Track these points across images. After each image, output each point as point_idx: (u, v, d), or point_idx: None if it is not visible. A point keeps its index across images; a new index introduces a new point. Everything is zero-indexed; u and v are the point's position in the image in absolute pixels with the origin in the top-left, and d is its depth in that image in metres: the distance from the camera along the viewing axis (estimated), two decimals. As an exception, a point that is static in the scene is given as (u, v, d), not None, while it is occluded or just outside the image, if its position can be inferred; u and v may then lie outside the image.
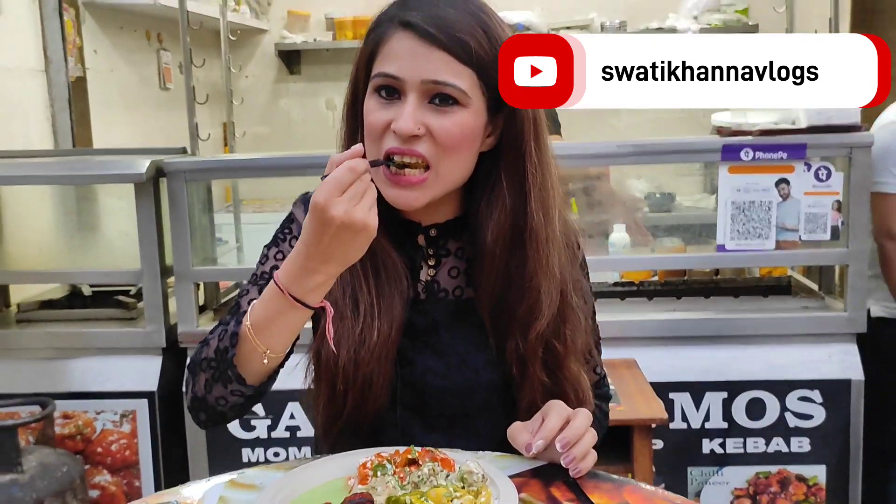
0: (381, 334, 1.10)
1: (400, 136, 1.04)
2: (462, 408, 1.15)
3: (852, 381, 2.42)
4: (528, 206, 1.10)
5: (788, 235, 2.44)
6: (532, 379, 1.12)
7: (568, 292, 1.14)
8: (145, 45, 3.98)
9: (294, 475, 1.04)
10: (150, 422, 2.55)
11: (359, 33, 4.62)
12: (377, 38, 1.09)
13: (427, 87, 1.04)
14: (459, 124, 1.05)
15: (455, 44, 1.04)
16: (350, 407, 1.12)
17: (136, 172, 2.46)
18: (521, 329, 1.11)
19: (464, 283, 1.17)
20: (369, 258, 1.08)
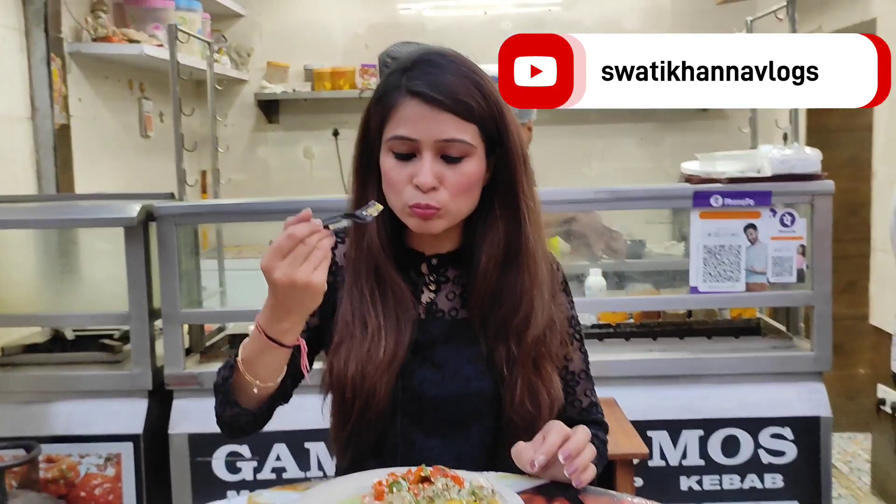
0: (387, 352, 1.25)
1: (421, 188, 1.20)
2: (456, 414, 1.28)
3: (821, 417, 2.52)
4: (521, 230, 1.26)
5: (757, 278, 2.55)
6: (522, 378, 1.26)
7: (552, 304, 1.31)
8: (127, 93, 4.06)
9: (310, 495, 1.09)
10: (135, 465, 2.57)
11: (336, 84, 4.75)
12: (387, 105, 1.23)
13: (439, 146, 1.21)
14: (468, 174, 1.22)
15: (459, 106, 1.20)
16: (356, 413, 1.26)
17: (127, 216, 2.52)
18: (517, 335, 1.26)
19: (459, 304, 1.32)
20: (378, 285, 1.27)
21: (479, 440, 1.29)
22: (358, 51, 4.84)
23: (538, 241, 1.28)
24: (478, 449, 1.28)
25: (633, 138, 4.85)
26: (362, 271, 1.29)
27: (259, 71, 4.93)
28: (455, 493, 1.03)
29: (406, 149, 1.21)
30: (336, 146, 4.91)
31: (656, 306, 2.78)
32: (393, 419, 1.27)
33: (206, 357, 2.72)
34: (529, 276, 1.27)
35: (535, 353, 1.27)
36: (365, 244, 1.29)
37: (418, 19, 4.86)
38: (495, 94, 1.23)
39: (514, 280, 1.27)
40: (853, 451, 4.27)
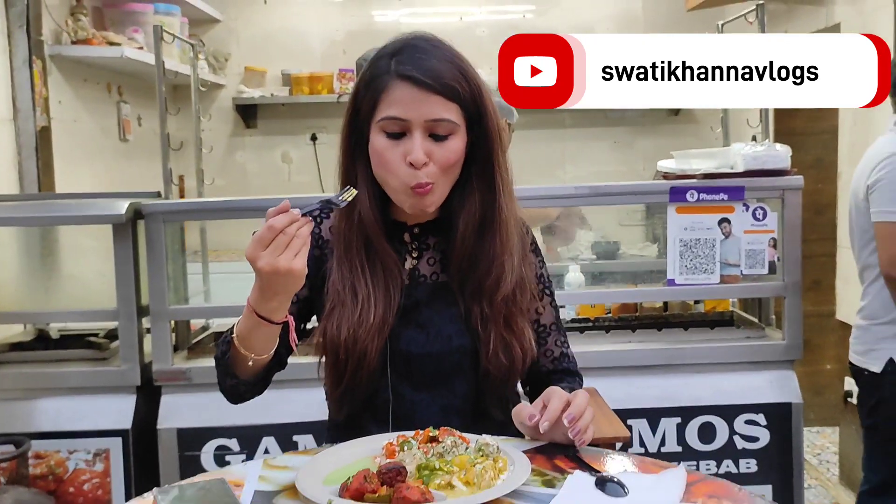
0: (377, 317, 1.36)
1: (415, 165, 1.30)
2: (440, 369, 1.39)
3: (792, 403, 2.62)
4: (496, 200, 1.37)
5: (731, 270, 2.64)
6: (495, 334, 1.37)
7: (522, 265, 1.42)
8: (106, 97, 4.08)
9: (324, 457, 1.15)
10: (123, 460, 2.59)
11: (314, 89, 4.79)
12: (378, 88, 1.32)
13: (428, 125, 1.31)
14: (454, 149, 1.33)
15: (445, 88, 1.30)
16: (349, 373, 1.36)
17: (115, 214, 2.55)
18: (489, 296, 1.38)
19: (439, 269, 1.43)
20: (367, 256, 1.38)
21: (462, 392, 1.39)
22: (335, 56, 4.90)
23: (510, 210, 1.39)
24: (461, 400, 1.39)
25: (607, 141, 4.95)
26: (353, 243, 1.38)
27: (236, 76, 4.96)
28: (463, 450, 1.09)
29: (397, 128, 1.30)
30: (314, 151, 4.96)
31: (635, 298, 2.87)
32: (383, 377, 1.37)
33: (193, 353, 2.75)
34: (501, 242, 1.38)
35: (505, 312, 1.38)
36: (356, 217, 1.38)
37: (395, 25, 4.93)
38: (476, 77, 1.34)
39: (489, 246, 1.37)
40: (822, 444, 4.39)
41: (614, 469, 1.12)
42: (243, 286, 3.39)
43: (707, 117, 4.50)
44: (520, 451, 1.14)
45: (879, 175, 2.42)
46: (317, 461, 1.13)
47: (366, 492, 1.00)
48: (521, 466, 1.08)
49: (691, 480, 1.09)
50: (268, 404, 1.51)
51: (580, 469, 1.12)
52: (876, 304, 2.54)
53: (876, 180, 2.43)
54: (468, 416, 1.38)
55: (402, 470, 1.03)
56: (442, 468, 1.05)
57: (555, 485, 1.08)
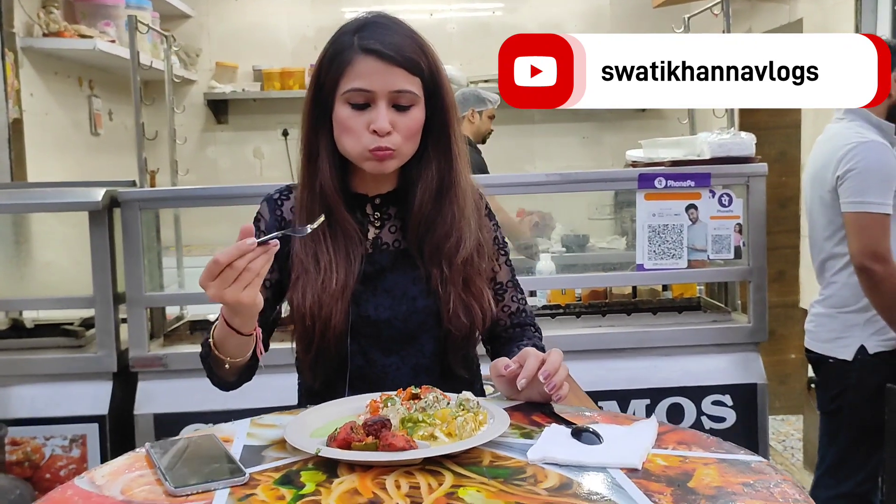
0: (338, 282, 1.42)
1: (379, 133, 1.37)
2: (407, 330, 1.46)
3: (758, 384, 2.70)
4: (452, 168, 1.45)
5: (698, 255, 2.71)
6: (455, 294, 1.44)
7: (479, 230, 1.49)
8: (77, 90, 4.07)
9: (309, 414, 1.19)
10: (100, 446, 2.60)
11: (286, 84, 4.82)
12: (342, 62, 1.38)
13: (392, 95, 1.37)
14: (416, 119, 1.40)
15: (408, 62, 1.37)
16: (317, 336, 1.42)
17: (91, 201, 2.56)
18: (448, 259, 1.45)
19: (400, 237, 1.50)
20: (329, 226, 1.43)
21: (430, 351, 1.45)
22: (306, 52, 4.92)
23: (466, 177, 1.47)
24: (430, 359, 1.45)
25: (575, 137, 5.03)
26: (315, 212, 1.42)
27: (207, 72, 4.97)
28: (444, 405, 1.14)
29: (362, 99, 1.37)
30: (286, 146, 4.98)
31: (606, 283, 2.93)
32: (354, 343, 1.43)
33: (169, 340, 2.77)
34: (458, 208, 1.45)
35: (464, 274, 1.45)
36: (317, 187, 1.43)
37: (365, 22, 4.97)
38: (434, 54, 1.42)
39: (446, 212, 1.45)
40: (786, 431, 4.49)
41: (589, 422, 1.17)
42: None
43: (673, 113, 4.59)
44: (499, 407, 1.19)
45: (849, 165, 2.40)
46: (303, 418, 1.17)
47: (353, 441, 1.05)
48: (501, 419, 1.12)
49: (662, 430, 1.14)
50: (244, 389, 1.54)
51: (556, 423, 1.17)
52: (845, 293, 2.52)
53: (846, 170, 2.41)
54: (436, 374, 1.45)
55: (387, 422, 1.07)
56: (425, 421, 1.09)
57: (532, 436, 1.13)
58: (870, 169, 2.38)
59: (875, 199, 2.37)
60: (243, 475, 1.01)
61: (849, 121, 2.47)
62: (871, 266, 2.36)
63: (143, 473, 1.06)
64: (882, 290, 2.38)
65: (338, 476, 1.01)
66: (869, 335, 2.48)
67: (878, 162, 2.37)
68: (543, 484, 0.98)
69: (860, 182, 2.38)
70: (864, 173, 2.38)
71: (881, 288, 2.37)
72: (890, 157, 2.40)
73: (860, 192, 2.38)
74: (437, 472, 1.02)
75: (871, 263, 2.36)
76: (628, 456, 1.03)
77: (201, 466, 1.04)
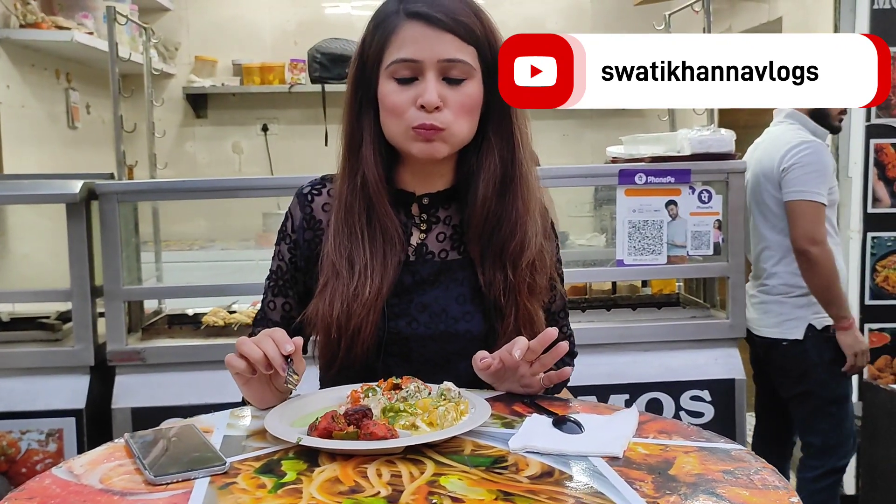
0: (372, 290, 1.27)
1: (427, 108, 1.21)
2: (442, 353, 1.31)
3: (736, 380, 2.72)
4: (515, 156, 1.28)
5: (678, 251, 2.73)
6: (516, 304, 1.29)
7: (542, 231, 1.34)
8: (55, 83, 4.03)
9: (290, 405, 1.18)
10: (77, 440, 2.58)
11: (266, 79, 4.80)
12: (386, 30, 1.24)
13: (442, 66, 1.21)
14: (470, 94, 1.23)
15: (460, 27, 1.22)
16: (343, 351, 1.28)
17: (69, 193, 2.54)
18: (513, 261, 1.29)
19: (449, 246, 1.34)
20: (368, 223, 1.28)
21: (466, 379, 1.27)
22: (287, 47, 4.90)
23: (530, 167, 1.30)
24: (465, 387, 1.24)
25: (556, 134, 5.04)
26: (354, 208, 1.29)
27: (186, 66, 4.93)
28: (426, 395, 1.14)
29: (409, 72, 1.21)
30: (265, 141, 4.95)
31: (587, 278, 2.94)
32: (379, 360, 1.29)
33: (147, 334, 2.75)
34: (523, 202, 1.28)
35: (528, 279, 1.29)
36: (359, 180, 1.29)
37: (347, 17, 4.96)
38: (491, 21, 1.25)
39: (511, 207, 1.28)
40: (763, 428, 4.52)
41: (570, 412, 1.18)
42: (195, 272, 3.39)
43: (654, 109, 4.61)
44: (480, 397, 1.18)
45: (794, 161, 2.69)
46: (283, 408, 1.17)
47: (334, 430, 1.04)
48: (482, 409, 1.12)
49: (643, 420, 1.15)
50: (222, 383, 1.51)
51: (537, 413, 1.17)
52: (791, 280, 2.79)
53: (791, 165, 2.70)
54: None
55: (368, 412, 1.07)
56: (406, 410, 1.09)
57: (514, 426, 1.13)
58: (811, 164, 2.68)
59: (814, 189, 2.68)
60: (223, 464, 1.00)
61: (788, 124, 2.76)
62: (809, 249, 2.67)
63: (123, 463, 1.05)
64: (818, 270, 2.69)
65: (319, 465, 1.01)
66: (812, 314, 2.77)
67: (818, 159, 2.68)
68: (525, 472, 0.98)
69: (802, 175, 2.69)
70: (805, 167, 2.68)
71: (817, 269, 2.68)
72: (827, 156, 2.73)
73: (802, 183, 2.69)
74: (419, 460, 1.01)
75: (810, 246, 2.67)
76: (609, 444, 1.03)
77: (181, 455, 1.03)
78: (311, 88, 4.64)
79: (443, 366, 1.31)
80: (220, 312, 2.83)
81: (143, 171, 3.37)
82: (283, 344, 1.13)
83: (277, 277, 1.40)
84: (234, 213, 4.34)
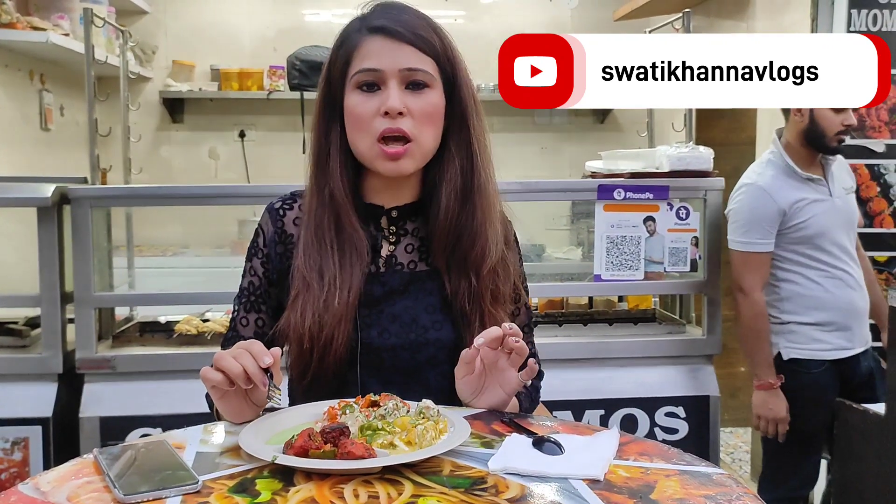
0: (341, 301, 1.29)
1: (390, 115, 1.25)
2: (413, 362, 1.33)
3: (710, 396, 2.72)
4: (474, 165, 1.33)
5: (655, 267, 2.73)
6: (481, 311, 1.32)
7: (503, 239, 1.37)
8: (28, 84, 3.97)
9: (265, 421, 1.16)
10: (43, 449, 2.52)
11: (244, 84, 4.76)
12: (350, 46, 1.30)
13: (403, 75, 1.27)
14: (432, 102, 1.29)
15: (419, 40, 1.28)
16: (315, 361, 1.29)
17: (41, 197, 2.49)
18: (475, 268, 1.33)
19: (417, 257, 1.37)
20: (337, 236, 1.31)
21: (437, 386, 1.31)
22: (266, 53, 4.87)
23: (489, 177, 1.34)
24: (435, 396, 1.25)
25: (534, 147, 5.05)
26: (323, 221, 1.32)
27: (163, 70, 4.88)
28: (404, 412, 1.12)
29: (371, 78, 1.26)
30: (242, 147, 4.91)
31: (564, 292, 2.94)
32: (352, 371, 1.31)
33: (118, 342, 2.70)
34: (482, 210, 1.32)
35: (491, 286, 1.33)
36: (327, 194, 1.32)
37: (327, 25, 4.94)
38: (448, 37, 1.31)
39: (471, 215, 1.32)
40: (735, 444, 4.55)
41: (550, 432, 1.16)
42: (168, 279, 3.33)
43: (632, 124, 4.63)
44: (460, 415, 1.17)
45: (731, 206, 2.74)
46: (258, 425, 1.14)
47: (310, 448, 1.02)
48: (461, 428, 1.11)
49: (624, 441, 1.13)
50: (194, 393, 1.48)
51: (517, 433, 1.15)
52: (769, 307, 2.77)
53: (728, 210, 2.75)
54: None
55: (345, 430, 1.05)
56: (384, 429, 1.07)
57: (493, 446, 1.11)
58: (738, 211, 2.70)
59: (741, 237, 2.69)
60: (196, 482, 0.98)
61: (765, 156, 2.78)
62: (735, 294, 2.73)
63: (91, 480, 1.02)
64: (739, 319, 2.74)
65: (294, 484, 0.99)
66: (784, 343, 2.74)
67: (750, 206, 2.67)
68: (505, 494, 0.97)
69: (733, 222, 2.73)
70: (736, 214, 2.71)
71: (739, 318, 2.74)
72: (762, 202, 2.67)
73: (732, 231, 2.73)
74: (397, 481, 0.99)
75: (735, 292, 2.72)
76: (590, 467, 1.02)
77: (152, 473, 1.00)
78: (289, 95, 4.61)
79: (413, 375, 1.33)
80: (193, 321, 2.79)
81: (117, 176, 3.32)
82: (262, 357, 1.12)
83: (250, 293, 1.40)
84: (210, 220, 4.30)
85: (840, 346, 2.73)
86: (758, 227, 2.67)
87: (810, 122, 2.57)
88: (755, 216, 2.67)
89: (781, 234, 2.69)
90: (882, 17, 3.29)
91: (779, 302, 2.74)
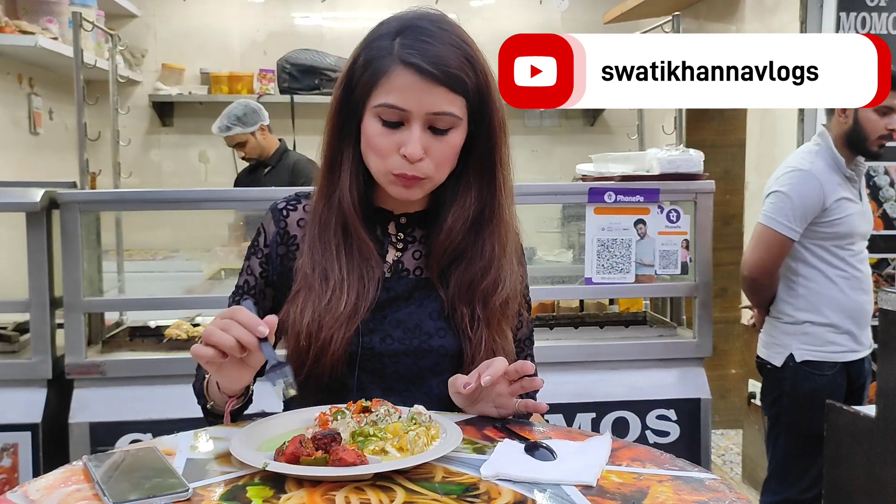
0: (347, 306, 1.27)
1: (409, 160, 1.22)
2: (416, 369, 1.31)
3: (701, 399, 2.72)
4: (496, 198, 1.30)
5: (646, 270, 2.74)
6: (486, 338, 1.30)
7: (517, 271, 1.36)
8: (17, 88, 3.95)
9: (256, 427, 1.15)
10: (32, 455, 2.51)
11: (234, 88, 4.75)
12: (378, 71, 1.22)
13: (429, 118, 1.22)
14: (453, 145, 1.25)
15: (451, 80, 1.21)
16: (311, 360, 1.27)
17: (30, 202, 2.48)
18: (483, 298, 1.30)
19: (424, 264, 1.35)
20: (344, 240, 1.30)
21: (437, 395, 1.30)
22: (256, 57, 4.86)
23: (510, 210, 1.32)
24: (437, 403, 1.28)
25: (525, 150, 5.05)
26: (330, 225, 1.30)
27: (153, 73, 4.87)
28: (396, 419, 1.11)
29: (395, 118, 1.21)
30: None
31: (555, 295, 2.94)
32: (352, 375, 1.29)
33: (108, 347, 2.69)
34: (500, 243, 1.30)
35: (499, 316, 1.31)
36: (336, 200, 1.30)
37: (316, 28, 4.93)
38: (484, 66, 1.25)
39: (485, 245, 1.30)
40: (726, 446, 4.56)
41: (542, 438, 1.16)
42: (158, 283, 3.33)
43: (622, 127, 4.64)
44: (451, 421, 1.16)
45: (778, 186, 2.70)
46: (249, 431, 1.14)
47: (301, 455, 1.01)
48: (453, 434, 1.10)
49: (616, 447, 1.13)
50: (184, 398, 1.47)
51: (509, 438, 1.15)
52: (783, 306, 2.79)
53: (776, 190, 2.71)
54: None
55: (337, 436, 1.04)
56: (376, 435, 1.07)
57: (485, 451, 1.11)
58: (790, 194, 2.66)
59: (784, 220, 2.67)
60: (186, 490, 0.97)
61: (810, 146, 2.74)
62: (759, 279, 2.75)
63: (81, 487, 1.01)
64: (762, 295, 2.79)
65: (286, 491, 0.98)
66: (798, 344, 2.74)
67: (800, 192, 2.66)
68: (497, 501, 0.96)
69: (780, 203, 2.68)
70: (783, 196, 2.68)
71: (763, 293, 2.78)
72: (813, 190, 2.66)
73: (776, 211, 2.68)
74: (389, 487, 0.99)
75: (761, 277, 2.74)
76: (583, 472, 1.02)
77: (142, 480, 0.99)
78: (279, 99, 4.60)
79: (415, 382, 1.32)
80: (183, 325, 2.78)
81: (106, 179, 3.31)
82: (256, 327, 1.10)
83: (244, 292, 1.39)
84: (199, 224, 4.28)
85: (851, 349, 2.76)
86: (801, 214, 2.66)
87: (854, 123, 2.59)
88: (803, 202, 2.66)
89: (813, 228, 2.69)
90: (871, 19, 3.31)
91: (795, 299, 2.75)
